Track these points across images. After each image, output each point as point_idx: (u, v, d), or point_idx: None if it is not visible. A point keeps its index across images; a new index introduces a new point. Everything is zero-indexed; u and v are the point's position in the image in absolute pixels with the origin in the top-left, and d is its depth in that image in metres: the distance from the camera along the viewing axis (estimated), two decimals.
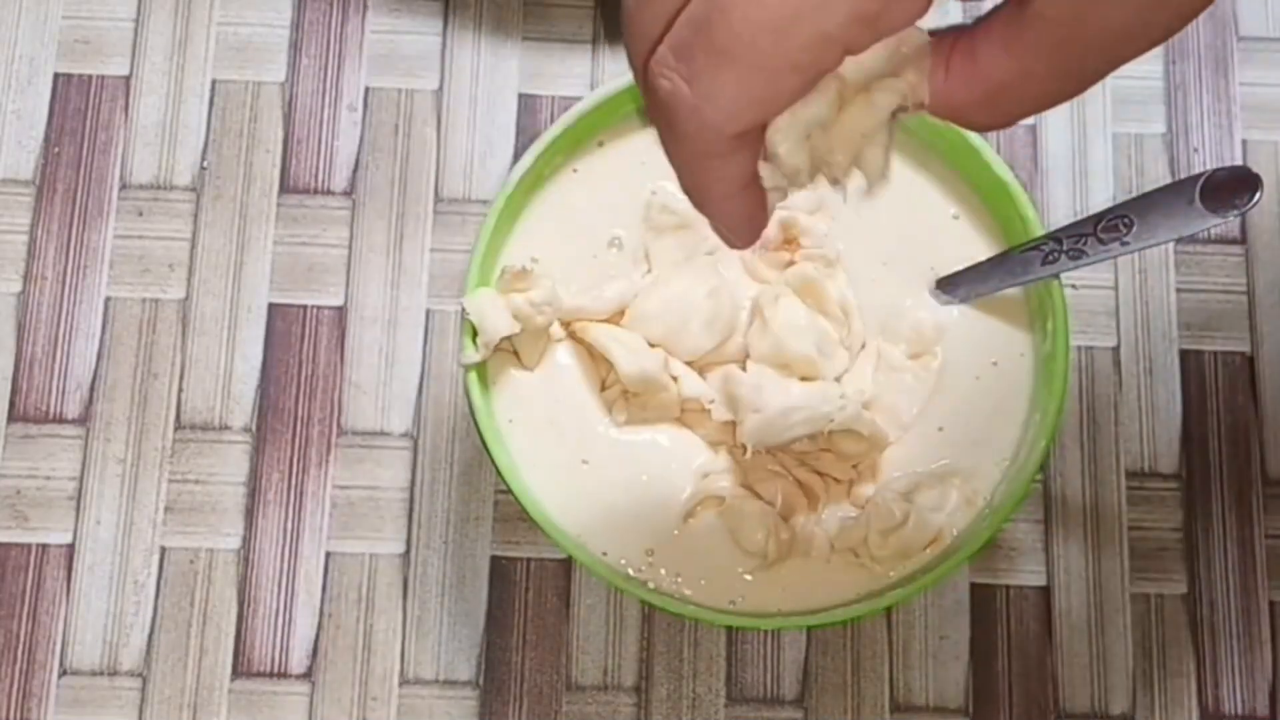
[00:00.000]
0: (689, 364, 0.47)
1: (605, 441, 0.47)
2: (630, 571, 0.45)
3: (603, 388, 0.47)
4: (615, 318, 0.48)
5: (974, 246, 0.48)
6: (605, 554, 0.45)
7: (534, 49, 0.57)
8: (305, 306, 0.54)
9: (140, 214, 0.55)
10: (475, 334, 0.45)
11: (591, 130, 0.48)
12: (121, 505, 0.52)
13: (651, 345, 0.47)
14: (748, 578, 0.46)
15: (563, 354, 0.48)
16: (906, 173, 0.48)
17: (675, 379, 0.47)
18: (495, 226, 0.46)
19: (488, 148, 0.56)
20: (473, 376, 0.45)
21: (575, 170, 0.48)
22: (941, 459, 0.47)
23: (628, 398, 0.47)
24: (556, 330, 0.48)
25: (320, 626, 0.51)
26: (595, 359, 0.47)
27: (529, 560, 0.52)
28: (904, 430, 0.47)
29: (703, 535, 0.46)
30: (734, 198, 0.32)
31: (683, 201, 0.37)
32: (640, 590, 0.44)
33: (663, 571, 0.46)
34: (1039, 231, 0.46)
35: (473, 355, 0.45)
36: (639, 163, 0.48)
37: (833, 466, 0.47)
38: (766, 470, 0.47)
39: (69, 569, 0.51)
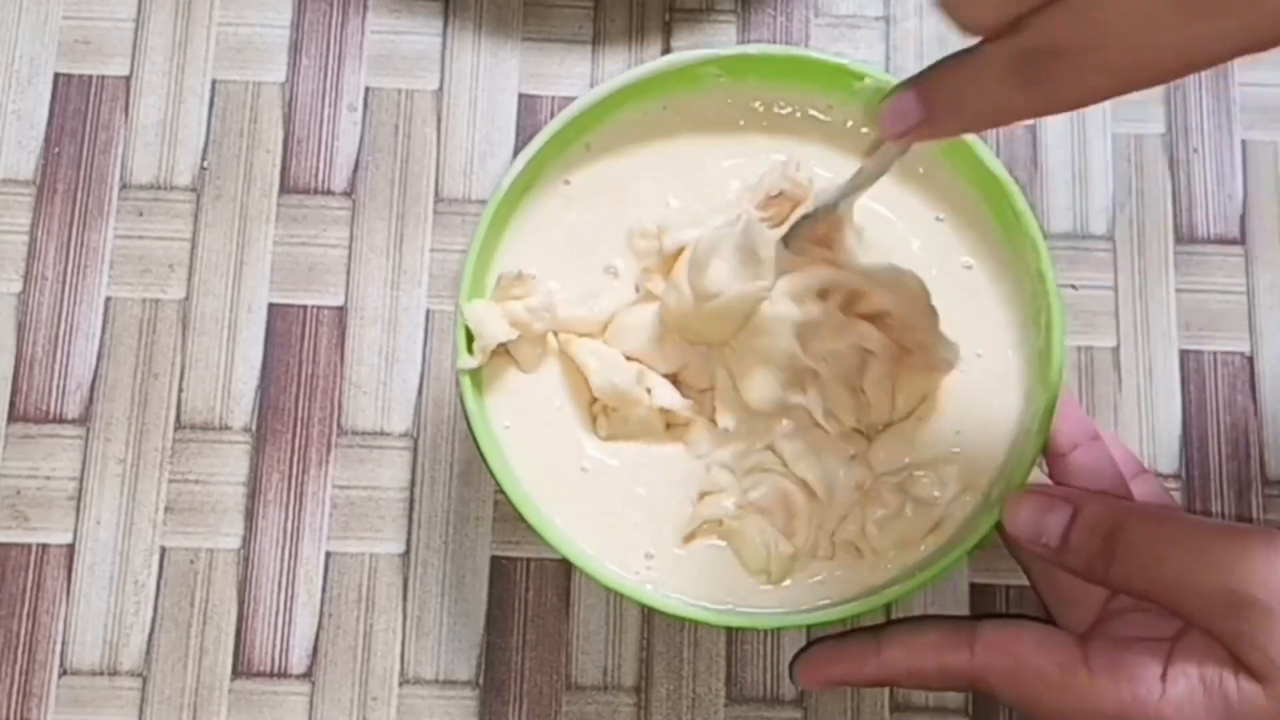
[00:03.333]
0: (669, 376, 0.47)
1: (600, 450, 0.47)
2: (629, 575, 0.45)
3: (591, 401, 0.47)
4: (604, 330, 0.48)
5: (961, 249, 0.48)
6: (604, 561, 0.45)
7: (534, 49, 0.57)
8: (305, 306, 0.54)
9: (140, 214, 0.55)
10: (470, 339, 0.45)
11: (581, 133, 0.48)
12: (121, 505, 0.52)
13: (629, 358, 0.47)
14: (755, 593, 0.46)
15: (558, 360, 0.48)
16: (890, 187, 0.48)
17: (649, 391, 0.47)
18: (487, 233, 0.46)
19: (488, 148, 0.56)
20: (467, 381, 0.45)
21: (567, 182, 0.48)
22: (936, 448, 0.46)
23: (608, 412, 0.47)
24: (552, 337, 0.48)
25: (320, 626, 0.51)
26: (578, 372, 0.47)
27: (529, 560, 0.52)
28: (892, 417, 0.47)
29: (706, 556, 0.46)
30: None
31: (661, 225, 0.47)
32: (639, 594, 0.44)
33: (662, 577, 0.46)
34: (1032, 228, 0.46)
35: (469, 361, 0.45)
36: (630, 171, 0.49)
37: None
38: (763, 471, 0.47)
39: (69, 569, 0.51)
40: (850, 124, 0.49)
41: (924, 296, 0.46)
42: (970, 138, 0.47)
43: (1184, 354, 0.54)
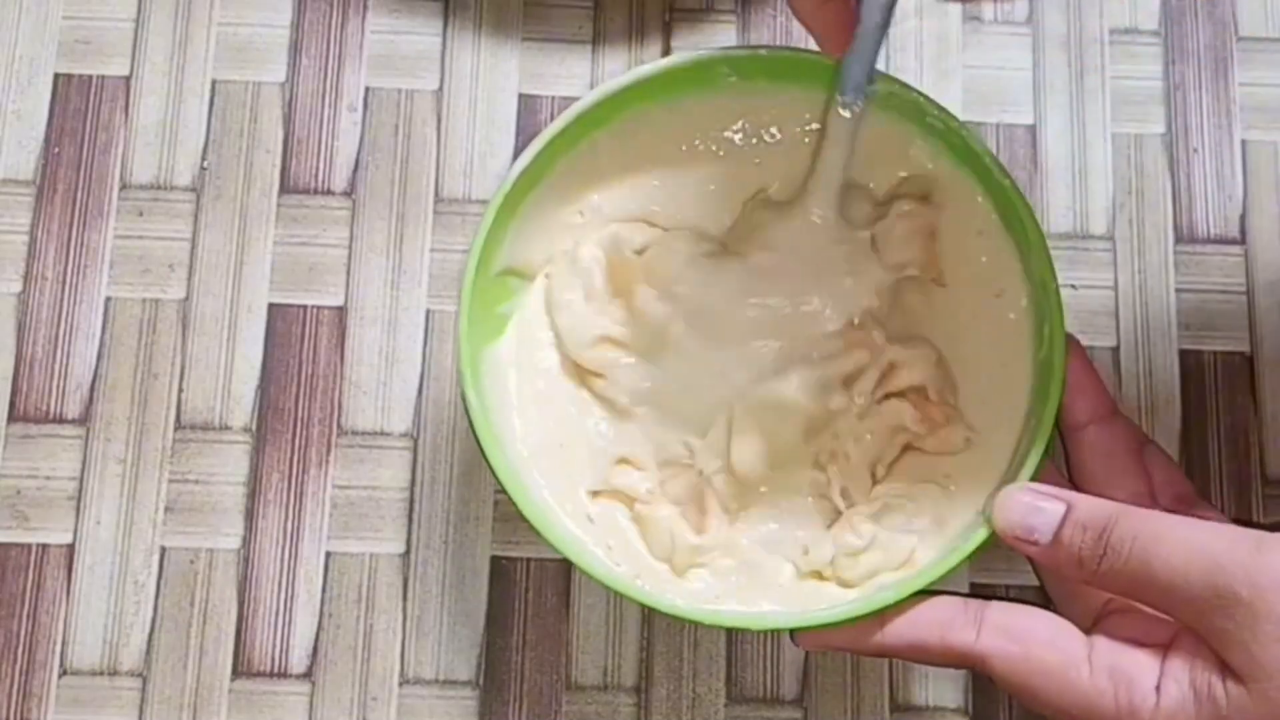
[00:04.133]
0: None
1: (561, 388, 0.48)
2: (570, 522, 0.45)
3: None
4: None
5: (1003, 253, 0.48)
6: (544, 487, 0.46)
7: (534, 49, 0.57)
8: (305, 306, 0.54)
9: (140, 214, 0.55)
10: (471, 334, 0.45)
11: (587, 130, 0.48)
12: (121, 505, 0.52)
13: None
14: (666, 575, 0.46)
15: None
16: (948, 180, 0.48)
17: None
18: (491, 228, 0.46)
19: (488, 148, 0.56)
20: (467, 374, 0.45)
21: (581, 214, 0.48)
22: (916, 481, 0.46)
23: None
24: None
25: (320, 626, 0.51)
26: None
27: (529, 560, 0.52)
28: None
29: (617, 520, 0.47)
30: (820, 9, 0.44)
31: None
32: (638, 595, 0.44)
33: (599, 533, 0.46)
34: (1039, 244, 0.45)
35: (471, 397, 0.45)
36: (635, 159, 0.48)
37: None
38: (682, 466, 0.47)
39: (69, 569, 0.51)
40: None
41: (946, 366, 0.47)
42: (980, 148, 0.46)
43: (1184, 354, 0.54)
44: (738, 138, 0.49)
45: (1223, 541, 0.39)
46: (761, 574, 0.46)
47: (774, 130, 0.49)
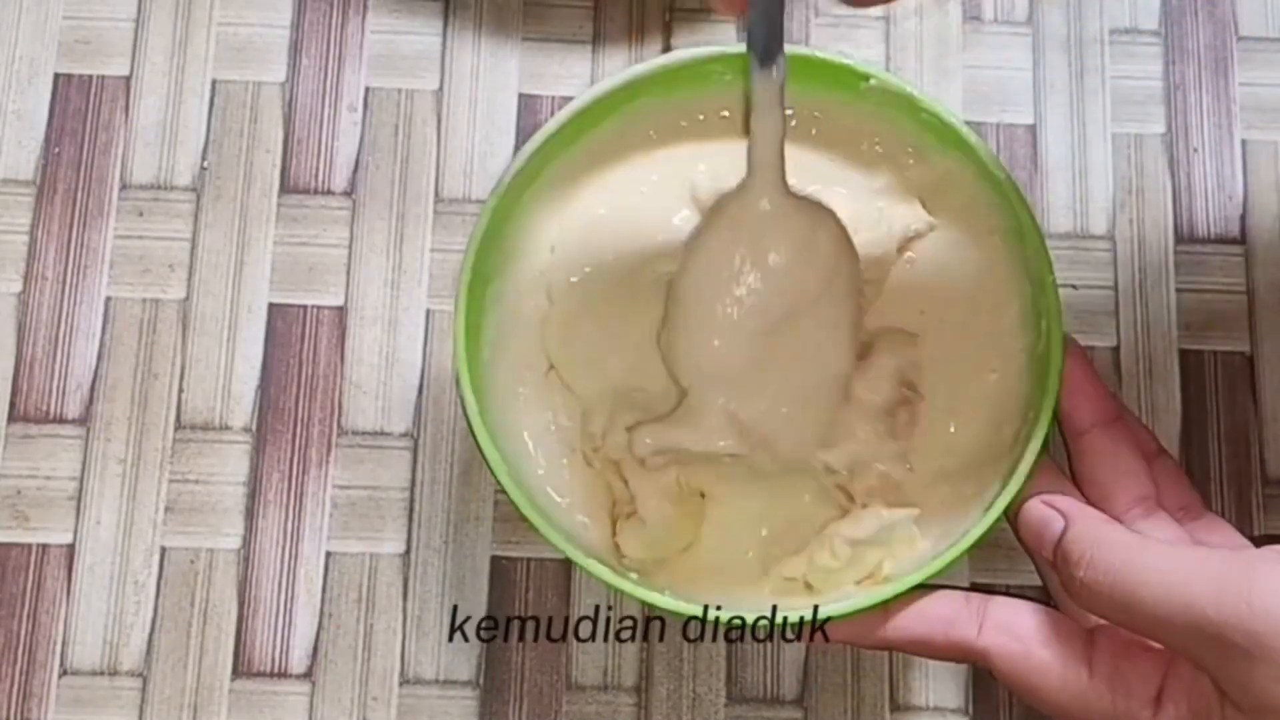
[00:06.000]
0: None
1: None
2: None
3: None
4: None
5: (960, 253, 0.48)
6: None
7: (534, 49, 0.57)
8: (305, 306, 0.54)
9: (140, 214, 0.55)
10: (468, 337, 0.45)
11: (583, 130, 0.48)
12: (121, 505, 0.52)
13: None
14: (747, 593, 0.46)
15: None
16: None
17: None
18: (488, 228, 0.46)
19: (488, 148, 0.56)
20: (465, 377, 0.45)
21: (567, 170, 0.48)
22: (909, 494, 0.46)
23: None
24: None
25: (320, 626, 0.51)
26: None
27: (529, 560, 0.52)
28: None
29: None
30: None
31: None
32: (637, 593, 0.44)
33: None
34: (1035, 236, 0.45)
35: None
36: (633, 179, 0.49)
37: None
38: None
39: (69, 569, 0.51)
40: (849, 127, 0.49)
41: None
42: (975, 140, 0.46)
43: (1184, 354, 0.54)
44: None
45: (1210, 584, 0.37)
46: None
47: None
